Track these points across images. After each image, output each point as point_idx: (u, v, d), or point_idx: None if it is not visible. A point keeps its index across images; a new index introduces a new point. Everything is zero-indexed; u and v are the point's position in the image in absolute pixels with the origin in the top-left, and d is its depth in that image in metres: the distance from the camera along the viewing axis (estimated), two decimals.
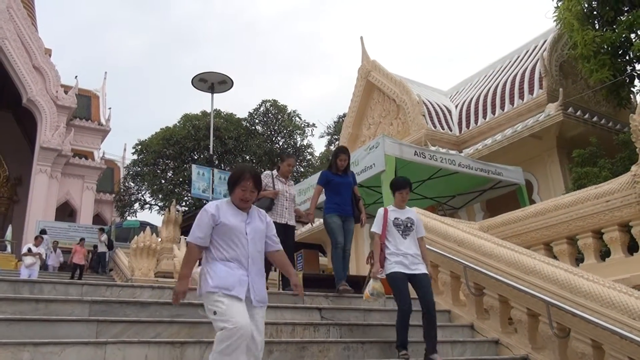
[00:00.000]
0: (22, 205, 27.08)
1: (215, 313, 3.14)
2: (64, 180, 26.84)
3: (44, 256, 15.19)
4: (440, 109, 15.20)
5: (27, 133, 29.10)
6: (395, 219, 4.92)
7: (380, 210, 5.03)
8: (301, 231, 17.28)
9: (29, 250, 13.65)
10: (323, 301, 5.97)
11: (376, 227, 4.95)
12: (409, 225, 4.92)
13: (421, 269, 4.77)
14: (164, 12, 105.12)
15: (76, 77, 28.65)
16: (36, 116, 26.05)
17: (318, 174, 10.13)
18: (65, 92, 27.15)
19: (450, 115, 15.25)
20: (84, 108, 30.33)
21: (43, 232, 18.90)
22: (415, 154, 8.73)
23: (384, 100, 16.07)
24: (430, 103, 15.09)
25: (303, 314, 5.53)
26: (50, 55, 28.24)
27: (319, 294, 6.03)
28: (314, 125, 24.19)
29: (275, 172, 6.50)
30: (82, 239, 19.22)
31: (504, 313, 5.48)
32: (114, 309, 4.75)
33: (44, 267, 18.29)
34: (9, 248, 20.71)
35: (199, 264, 3.69)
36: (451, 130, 14.71)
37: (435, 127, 14.33)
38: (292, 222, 6.53)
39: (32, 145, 27.37)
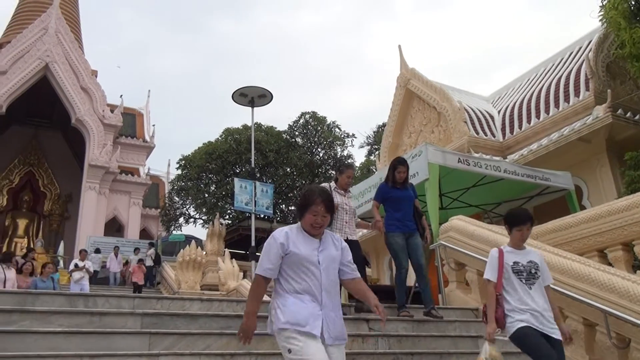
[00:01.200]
0: (73, 222, 27.99)
1: (290, 351, 2.86)
2: (111, 197, 27.62)
3: (91, 269, 15.52)
4: (482, 115, 14.96)
5: (76, 152, 30.13)
6: (514, 263, 3.86)
7: (494, 252, 3.97)
8: None
9: (76, 265, 13.98)
10: (371, 312, 5.93)
11: (490, 274, 3.90)
12: (532, 271, 3.84)
13: (557, 333, 3.66)
14: (204, 32, 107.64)
15: (121, 96, 29.47)
16: (84, 135, 26.96)
17: (365, 184, 10.14)
18: (111, 111, 28.01)
19: (493, 121, 14.99)
20: (129, 126, 31.22)
21: (97, 251, 19.50)
22: (459, 161, 8.60)
23: (424, 108, 15.93)
24: (472, 109, 14.87)
25: (351, 325, 5.49)
26: (96, 76, 29.24)
27: (365, 305, 6.00)
28: (353, 135, 24.24)
29: (333, 184, 6.08)
30: (136, 249, 19.74)
31: None
32: (165, 321, 4.84)
33: (107, 282, 18.84)
34: (61, 263, 21.42)
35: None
36: (494, 136, 14.44)
37: (477, 133, 14.10)
38: (353, 237, 6.07)
39: (81, 163, 28.31)
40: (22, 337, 4.16)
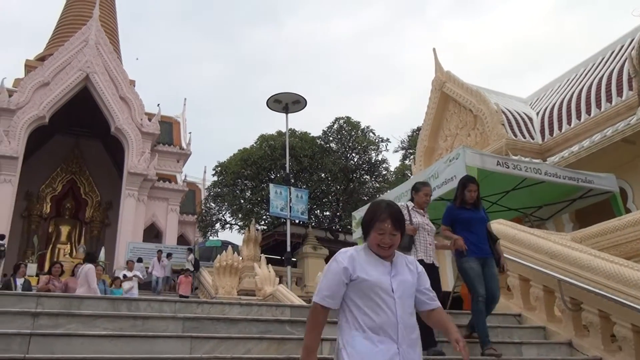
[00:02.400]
0: (113, 228, 28.64)
1: None
2: (150, 203, 28.16)
3: (140, 276, 15.82)
4: (520, 117, 14.68)
5: (115, 160, 30.85)
6: None
7: None
8: None
9: (124, 276, 14.19)
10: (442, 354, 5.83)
11: None
12: None
13: None
14: (239, 42, 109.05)
15: (158, 105, 30.08)
16: (123, 143, 27.59)
17: (399, 189, 10.08)
18: (149, 120, 28.59)
19: (532, 123, 14.69)
20: (166, 134, 31.81)
21: (140, 260, 19.85)
22: (497, 164, 8.45)
23: (459, 111, 15.74)
24: (509, 111, 14.62)
25: None
26: (134, 86, 29.92)
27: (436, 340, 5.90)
28: (388, 140, 24.11)
29: (410, 203, 5.59)
30: (169, 254, 20.02)
31: (606, 329, 5.14)
32: (206, 326, 4.90)
33: (150, 287, 19.14)
34: (104, 269, 21.93)
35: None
36: (533, 139, 14.15)
37: (515, 135, 13.85)
38: (437, 262, 5.54)
39: (120, 171, 28.96)
40: (68, 339, 4.27)
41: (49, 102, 26.15)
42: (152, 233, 29.20)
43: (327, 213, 26.40)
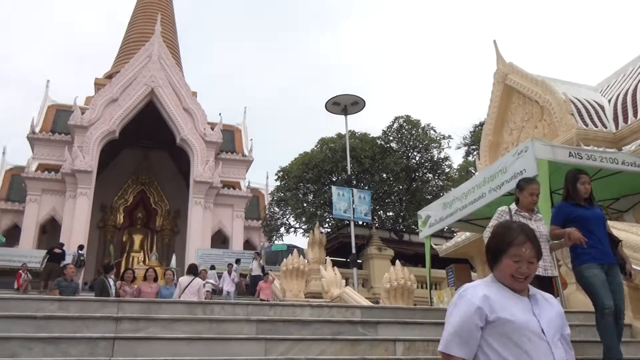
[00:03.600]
0: (182, 236, 29.58)
1: None
2: (216, 210, 28.91)
3: (213, 282, 16.15)
4: (591, 105, 13.97)
5: (181, 169, 31.88)
6: None
7: None
8: (446, 246, 16.78)
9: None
10: None
11: None
12: None
13: None
14: (297, 48, 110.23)
15: (220, 114, 30.86)
16: (189, 153, 28.48)
17: (465, 186, 9.83)
18: (212, 129, 29.38)
19: (603, 111, 13.95)
20: (229, 142, 32.57)
21: (212, 267, 20.34)
22: (570, 155, 8.06)
23: (524, 103, 15.18)
24: (579, 100, 13.94)
25: None
26: (196, 97, 30.83)
27: None
28: (449, 137, 23.60)
29: (513, 206, 4.69)
30: (237, 259, 20.24)
31: None
32: (278, 328, 4.94)
33: (219, 293, 19.55)
34: (175, 275, 22.66)
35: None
36: (606, 128, 13.43)
37: (586, 125, 13.18)
38: (554, 272, 4.70)
39: (187, 180, 29.89)
40: (149, 343, 4.42)
41: (118, 117, 27.37)
42: (220, 239, 29.94)
43: (391, 213, 26.15)
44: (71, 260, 18.16)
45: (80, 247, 20.22)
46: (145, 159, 32.67)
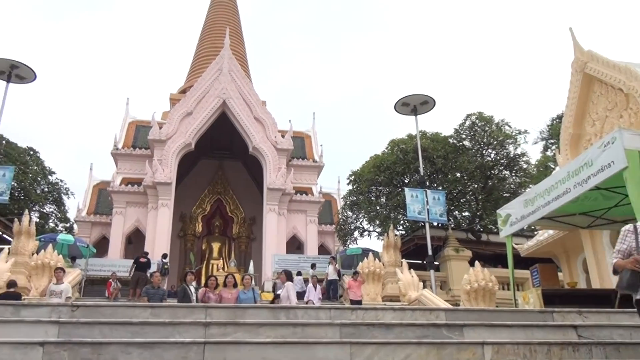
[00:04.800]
0: (258, 242, 30.25)
1: None
2: (289, 216, 29.32)
3: (299, 289, 16.20)
4: None
5: (255, 177, 32.61)
6: None
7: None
8: (528, 245, 16.18)
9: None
10: (577, 318, 5.43)
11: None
12: None
13: None
14: (363, 51, 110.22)
15: (290, 121, 31.33)
16: (261, 161, 29.09)
17: (545, 183, 9.42)
18: (282, 136, 29.87)
19: None
20: (299, 148, 32.99)
21: (299, 273, 20.61)
22: None
23: (607, 92, 14.36)
24: None
25: (556, 332, 5.08)
26: (265, 106, 31.48)
27: (571, 310, 5.50)
28: (526, 131, 22.69)
29: (639, 224, 3.99)
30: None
31: None
32: (362, 331, 4.93)
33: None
34: (253, 281, 23.20)
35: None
36: None
37: None
38: None
39: (260, 188, 30.53)
40: (237, 347, 4.53)
41: (194, 129, 28.41)
42: (294, 244, 30.35)
43: (466, 213, 25.52)
44: (156, 268, 19.01)
45: (164, 256, 21.10)
46: (220, 168, 33.70)
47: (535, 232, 17.60)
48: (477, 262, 15.57)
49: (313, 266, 21.08)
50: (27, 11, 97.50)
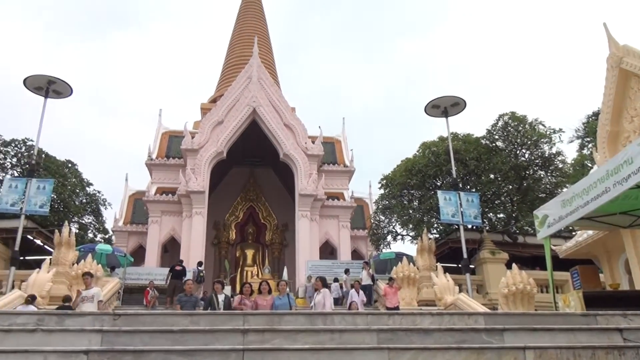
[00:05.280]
0: (291, 249, 30.34)
1: None
2: (322, 222, 29.34)
3: (335, 296, 16.11)
4: None
5: (286, 184, 32.77)
6: None
7: None
8: (566, 246, 15.80)
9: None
10: (621, 321, 5.27)
11: None
12: None
13: None
14: (393, 55, 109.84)
15: (319, 127, 31.43)
16: (292, 168, 29.22)
17: (583, 182, 9.19)
18: (312, 142, 29.95)
19: None
20: (330, 153, 33.03)
21: (336, 280, 20.60)
22: None
23: None
24: None
25: (600, 336, 4.95)
26: (295, 112, 31.64)
27: (615, 313, 5.35)
28: (560, 130, 22.20)
29: None
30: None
31: None
32: (400, 337, 4.90)
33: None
34: (287, 287, 23.27)
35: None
36: None
37: None
38: None
39: (292, 194, 30.66)
40: (275, 354, 4.56)
41: (225, 138, 28.74)
42: (327, 250, 30.34)
43: (501, 215, 25.10)
44: (192, 276, 19.28)
45: (200, 264, 21.37)
46: (252, 176, 33.97)
47: (574, 233, 17.18)
48: (514, 265, 15.30)
49: (347, 271, 21.00)
50: (64, 32, 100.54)
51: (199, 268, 20.72)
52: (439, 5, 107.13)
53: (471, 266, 19.88)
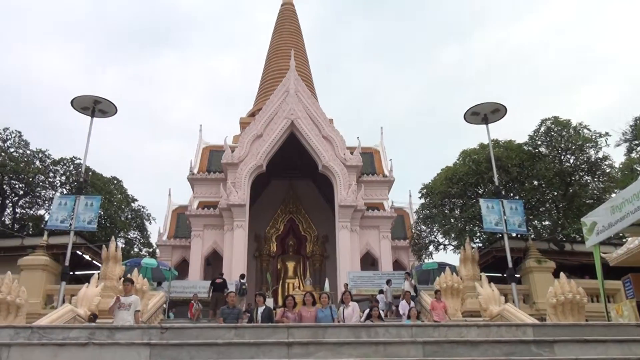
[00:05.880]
0: (332, 260, 30.29)
1: None
2: (362, 233, 29.21)
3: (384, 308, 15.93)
4: None
5: (325, 195, 32.80)
6: None
7: None
8: (617, 254, 15.25)
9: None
10: None
11: None
12: None
13: None
14: (429, 64, 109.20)
15: (358, 137, 31.45)
16: (331, 179, 29.25)
17: (636, 186, 8.86)
18: (351, 153, 29.93)
19: None
20: (368, 164, 32.92)
21: (381, 292, 20.41)
22: None
23: None
24: None
25: None
26: (333, 124, 31.72)
27: None
28: (607, 134, 21.51)
29: None
30: (388, 280, 20.13)
31: None
32: (446, 349, 4.82)
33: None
34: (329, 299, 23.22)
35: None
36: None
37: None
38: None
39: (331, 205, 30.65)
40: None
41: (264, 151, 29.06)
42: (368, 261, 30.15)
43: (547, 223, 24.43)
44: (234, 289, 19.48)
45: (242, 277, 21.57)
46: (291, 188, 34.15)
47: (625, 240, 16.58)
48: (562, 274, 14.87)
49: (388, 282, 20.81)
50: (107, 53, 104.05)
51: (241, 281, 20.92)
52: (476, 11, 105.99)
53: (517, 275, 19.39)
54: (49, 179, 27.42)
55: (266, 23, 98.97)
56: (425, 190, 25.26)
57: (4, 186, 26.30)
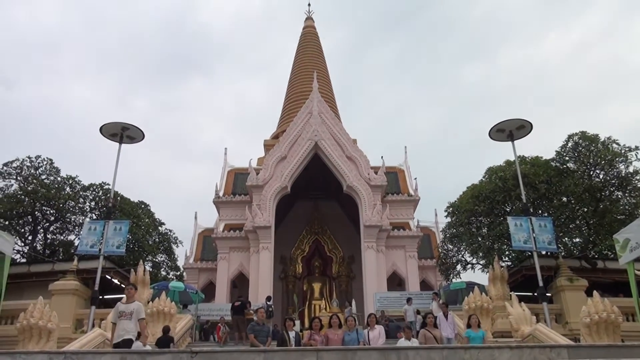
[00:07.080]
0: (358, 281, 30.08)
1: None
2: (388, 253, 28.99)
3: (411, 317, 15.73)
4: None
5: (350, 215, 32.73)
6: None
7: None
8: None
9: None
10: None
11: None
12: None
13: None
14: (452, 83, 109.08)
15: (382, 157, 31.43)
16: (356, 199, 29.20)
17: None
18: (375, 173, 29.89)
19: None
20: (393, 183, 32.82)
21: (418, 312, 20.22)
22: None
23: None
24: None
25: None
26: (356, 144, 31.78)
27: None
28: (637, 148, 21.02)
29: None
30: (409, 299, 20.08)
31: None
32: None
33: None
34: (356, 322, 22.99)
35: None
36: None
37: None
38: None
39: (356, 226, 30.56)
40: None
41: (289, 173, 29.22)
42: (395, 281, 29.85)
43: (577, 240, 23.89)
44: None
45: (269, 299, 21.55)
46: (316, 209, 34.17)
47: None
48: (595, 292, 14.48)
49: (409, 300, 20.56)
50: (134, 80, 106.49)
51: (268, 303, 20.89)
52: (502, 28, 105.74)
53: (548, 294, 18.94)
54: (79, 205, 27.95)
55: (291, 46, 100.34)
56: (451, 209, 24.97)
57: (36, 212, 26.88)
